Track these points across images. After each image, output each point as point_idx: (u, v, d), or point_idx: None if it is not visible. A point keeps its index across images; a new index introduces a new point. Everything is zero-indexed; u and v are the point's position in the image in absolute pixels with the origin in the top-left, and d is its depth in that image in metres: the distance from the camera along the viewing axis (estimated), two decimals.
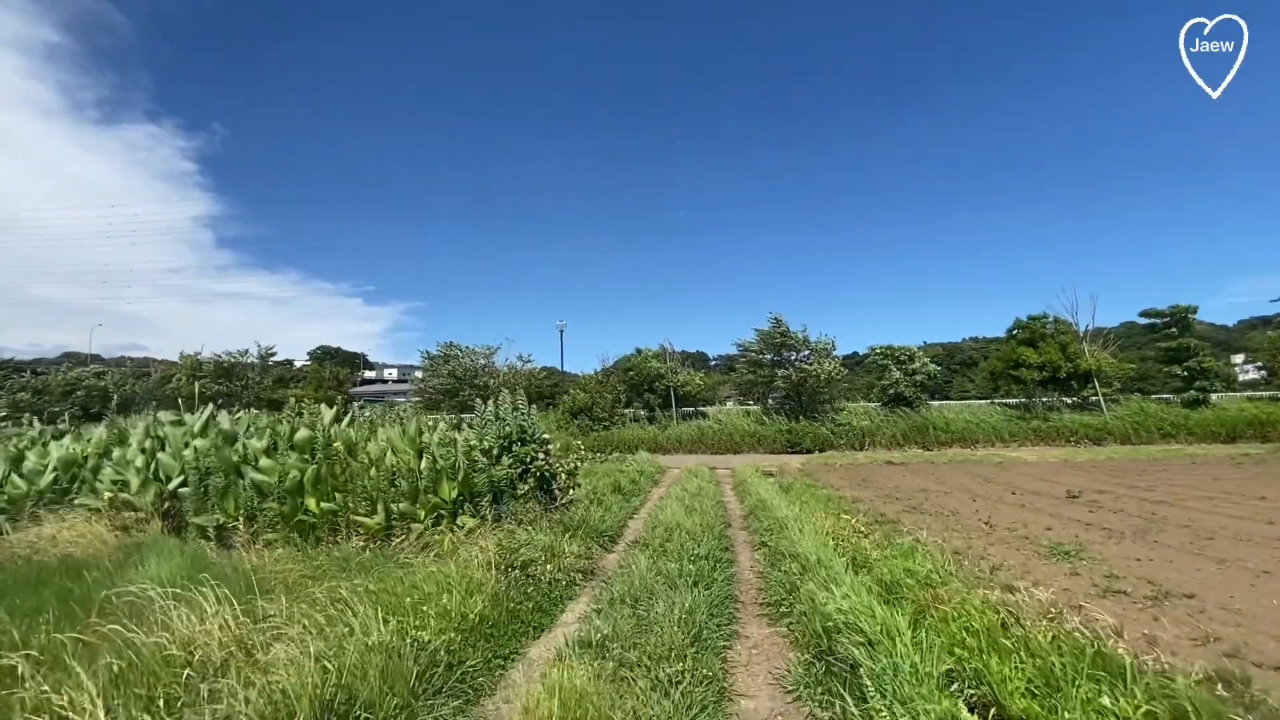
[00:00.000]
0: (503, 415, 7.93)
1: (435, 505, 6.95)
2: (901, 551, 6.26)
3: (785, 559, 5.87)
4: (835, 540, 7.13)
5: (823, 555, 5.75)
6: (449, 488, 7.13)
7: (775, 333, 25.41)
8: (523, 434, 7.83)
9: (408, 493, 6.97)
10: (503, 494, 7.37)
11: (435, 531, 6.89)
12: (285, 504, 7.09)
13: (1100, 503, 9.88)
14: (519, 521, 7.06)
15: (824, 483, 13.36)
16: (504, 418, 7.91)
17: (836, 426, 24.59)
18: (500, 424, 7.87)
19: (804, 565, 5.44)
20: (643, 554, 6.13)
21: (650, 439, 24.71)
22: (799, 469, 16.85)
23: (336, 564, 5.97)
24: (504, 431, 7.82)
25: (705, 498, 10.08)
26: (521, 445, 7.74)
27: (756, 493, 11.09)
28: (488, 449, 7.67)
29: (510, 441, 7.77)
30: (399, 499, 6.96)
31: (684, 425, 26.03)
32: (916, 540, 6.91)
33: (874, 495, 11.43)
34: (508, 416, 7.91)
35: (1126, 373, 25.67)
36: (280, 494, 7.21)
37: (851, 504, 10.17)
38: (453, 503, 7.11)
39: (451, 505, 7.11)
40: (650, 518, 8.32)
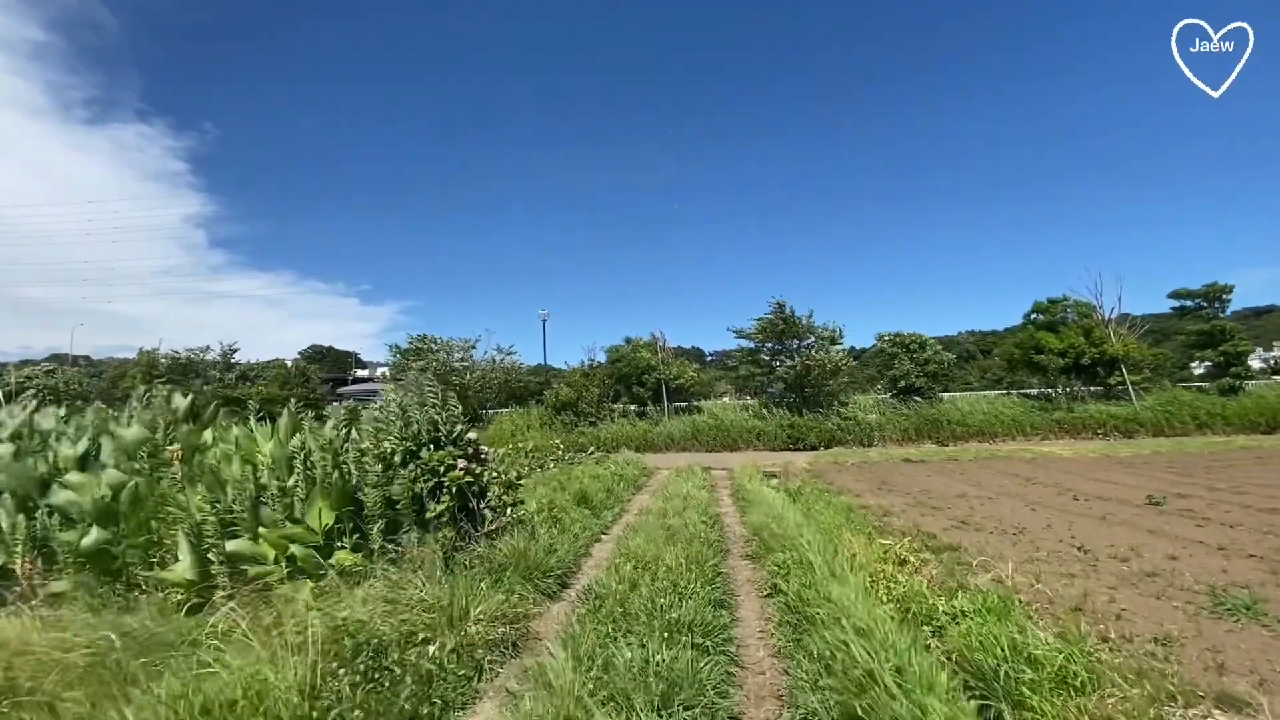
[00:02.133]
0: (407, 408, 5.76)
1: (294, 539, 4.77)
2: (984, 604, 4.14)
3: (818, 628, 3.72)
4: (874, 579, 5.01)
5: (875, 621, 3.62)
6: (322, 511, 4.95)
7: (777, 319, 23.26)
8: (435, 433, 5.66)
9: (246, 521, 4.78)
10: (402, 519, 5.20)
11: (305, 576, 4.74)
12: (88, 536, 4.91)
13: (1195, 511, 7.78)
14: (427, 559, 4.91)
15: (838, 486, 11.24)
16: (408, 410, 5.74)
17: (844, 420, 22.49)
18: (403, 419, 5.70)
19: (854, 655, 3.29)
20: (591, 620, 3.98)
21: (640, 436, 22.58)
22: (805, 468, 14.73)
23: (126, 638, 3.81)
24: (410, 431, 5.65)
25: (696, 510, 7.94)
26: (434, 448, 5.58)
27: (760, 501, 8.95)
28: (388, 454, 5.51)
29: (419, 444, 5.61)
30: (231, 530, 4.78)
31: (676, 421, 23.89)
32: (998, 580, 4.78)
33: (904, 503, 9.31)
34: (413, 409, 5.74)
35: (1157, 359, 23.65)
36: (90, 522, 5.04)
37: (881, 517, 8.05)
38: (325, 533, 4.94)
39: (324, 537, 4.94)
40: (620, 545, 6.18)
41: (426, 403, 5.79)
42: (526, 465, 12.92)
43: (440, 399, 5.85)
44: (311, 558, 4.80)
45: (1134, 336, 23.54)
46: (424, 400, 5.78)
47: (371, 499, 5.10)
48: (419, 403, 5.77)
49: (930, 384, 24.28)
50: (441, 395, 5.89)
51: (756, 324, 23.97)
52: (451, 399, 6.11)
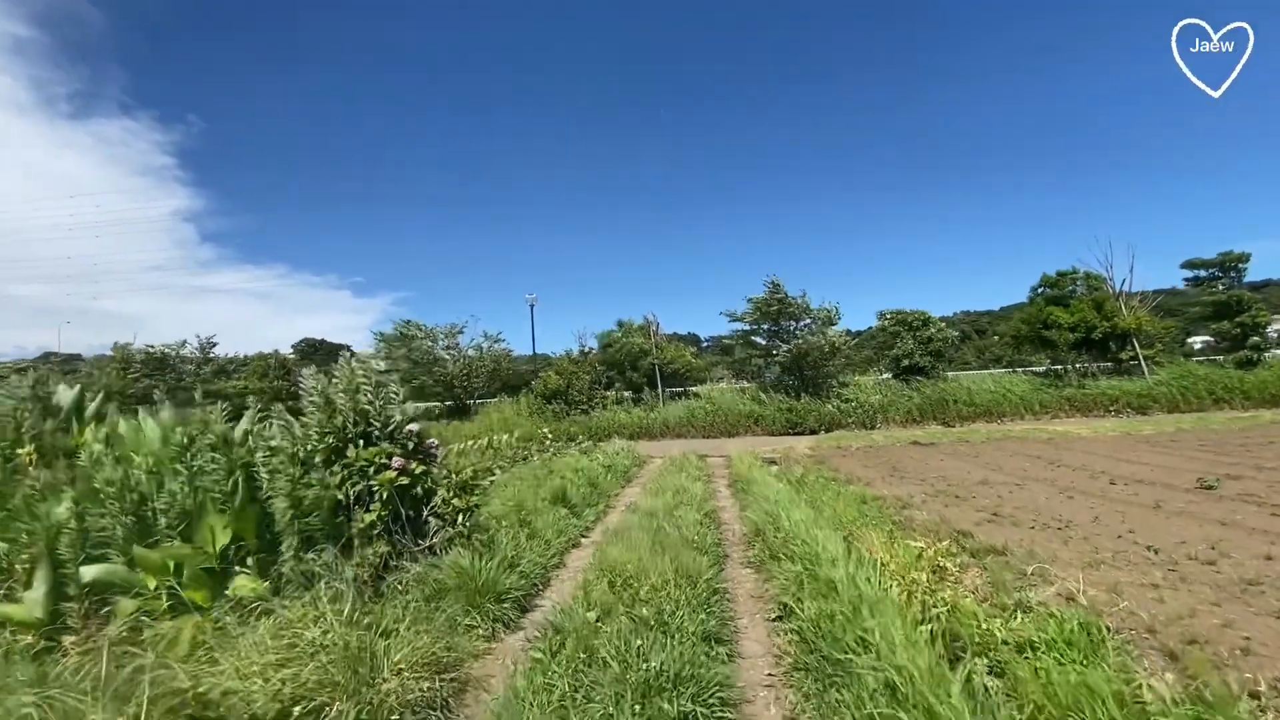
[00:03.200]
0: (331, 396, 4.71)
1: (179, 561, 3.74)
2: (1062, 633, 3.15)
3: (854, 682, 2.73)
4: (907, 592, 4.02)
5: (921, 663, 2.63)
6: (215, 527, 3.92)
7: (772, 299, 22.21)
8: (366, 426, 4.63)
9: (120, 539, 3.74)
10: (320, 533, 4.18)
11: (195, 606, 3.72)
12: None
13: (1258, 495, 6.83)
14: (350, 584, 3.91)
15: (845, 473, 10.27)
16: (332, 399, 4.69)
17: (844, 403, 21.54)
18: (326, 409, 4.66)
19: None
20: (542, 673, 2.97)
21: (634, 423, 21.61)
22: (807, 454, 13.78)
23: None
24: (335, 424, 4.61)
25: (690, 506, 6.94)
26: (365, 445, 4.55)
27: (762, 493, 7.96)
28: (307, 455, 4.47)
29: (345, 440, 4.57)
30: (103, 552, 3.74)
31: (672, 407, 22.92)
32: (1068, 596, 3.80)
33: (921, 492, 8.34)
34: (339, 397, 4.69)
35: (1169, 332, 22.73)
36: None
37: (900, 509, 7.07)
38: (221, 554, 3.91)
39: (219, 558, 3.91)
40: (599, 555, 5.18)
41: (357, 389, 4.74)
42: (502, 458, 11.91)
43: (373, 383, 4.80)
44: (201, 586, 3.78)
45: (1145, 309, 22.60)
46: (353, 386, 4.73)
47: (281, 509, 4.07)
48: (346, 389, 4.72)
49: (934, 362, 23.35)
50: (375, 379, 4.84)
51: (751, 305, 22.92)
52: (392, 384, 5.07)
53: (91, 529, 3.80)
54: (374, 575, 4.15)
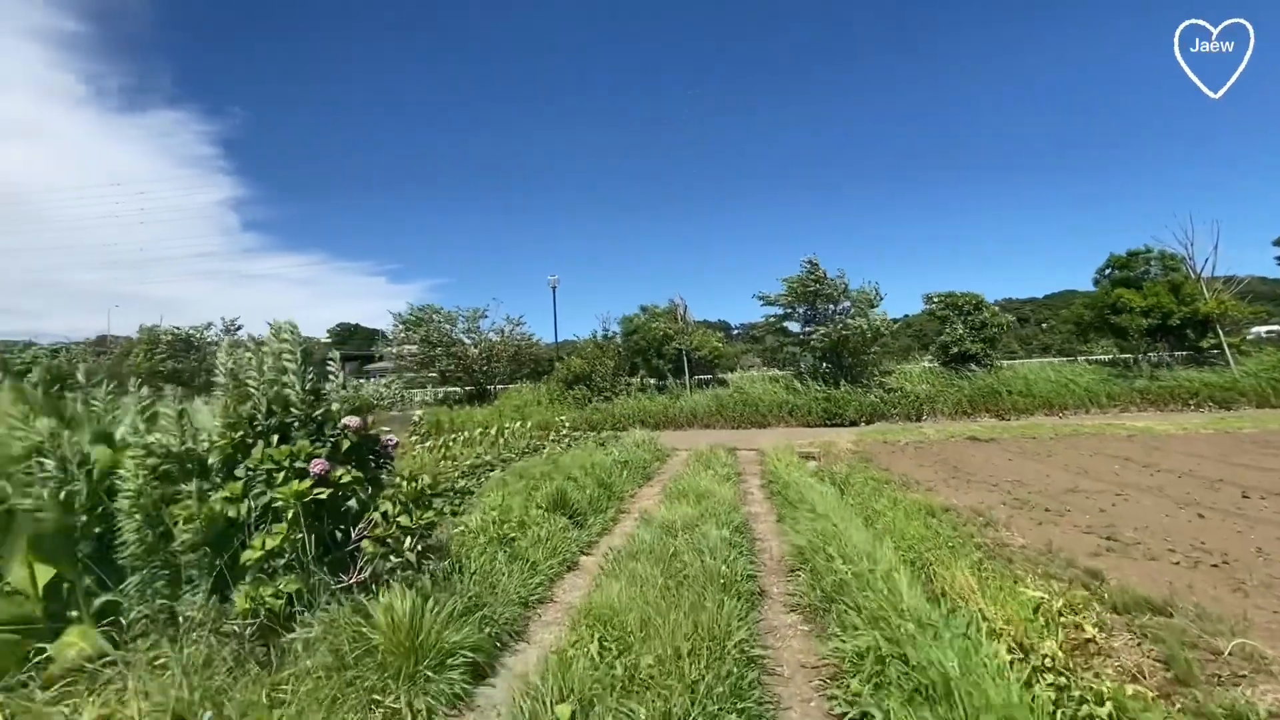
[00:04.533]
0: (243, 379, 3.51)
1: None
2: None
3: None
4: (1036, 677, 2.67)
5: None
6: (33, 560, 2.76)
7: (809, 279, 20.55)
8: (285, 416, 3.42)
9: None
10: (194, 567, 3.00)
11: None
12: None
13: None
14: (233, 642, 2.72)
15: (899, 475, 8.82)
16: (244, 383, 3.49)
17: (887, 393, 19.86)
18: (237, 395, 3.46)
19: None
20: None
21: (659, 411, 20.31)
22: (850, 449, 12.29)
23: None
24: (242, 411, 3.41)
25: (716, 518, 5.63)
26: (281, 442, 3.34)
27: (803, 499, 6.61)
28: (201, 455, 3.28)
29: (255, 433, 3.38)
30: None
31: (699, 395, 21.54)
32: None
33: (998, 501, 6.88)
34: (251, 379, 3.49)
35: (1256, 317, 20.38)
36: None
37: (981, 527, 5.65)
38: (47, 596, 2.75)
39: (44, 603, 2.76)
40: (592, 595, 3.91)
41: (278, 367, 3.53)
42: (511, 449, 10.76)
43: (299, 359, 3.59)
44: (6, 646, 2.62)
45: (1230, 293, 20.26)
46: (271, 363, 3.52)
47: (131, 531, 2.89)
48: (260, 366, 3.52)
49: (987, 350, 21.43)
50: (301, 354, 3.62)
51: (786, 286, 21.28)
52: (331, 363, 3.86)
53: None
54: (264, 627, 2.95)
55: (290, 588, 3.15)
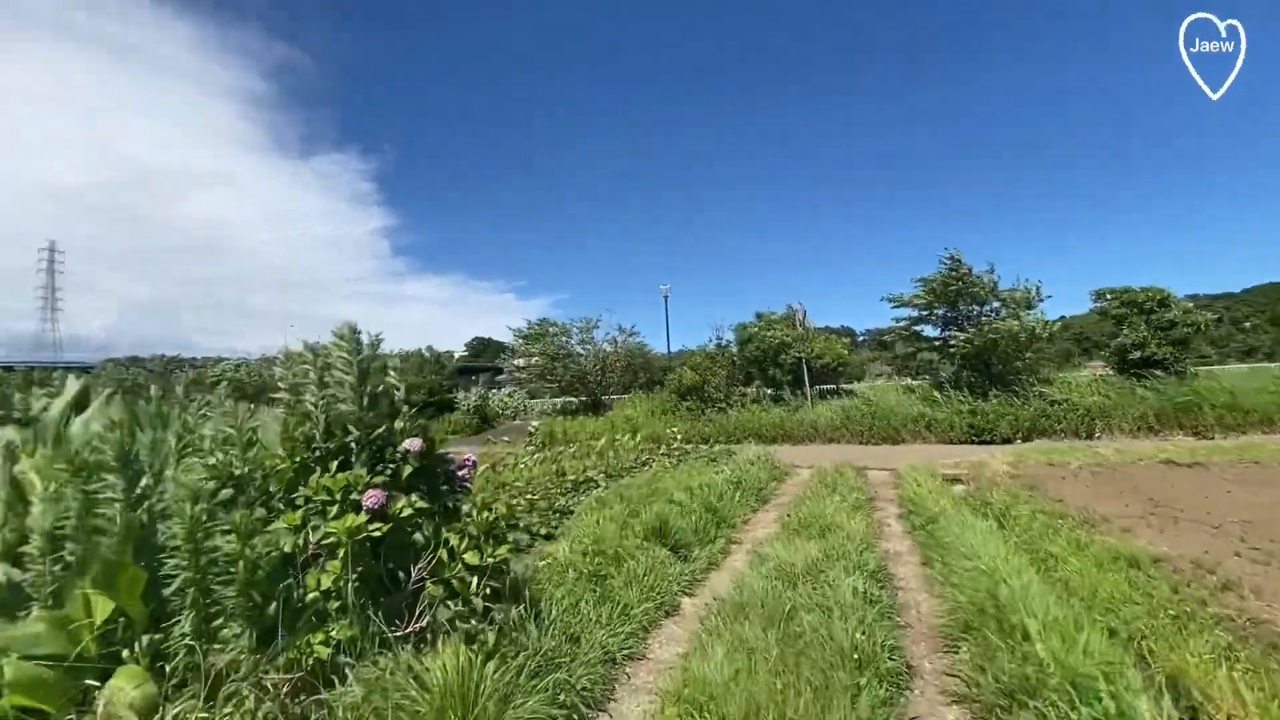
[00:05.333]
0: (302, 391, 3.23)
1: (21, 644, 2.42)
2: None
3: None
4: None
5: None
6: (90, 596, 2.56)
7: (950, 278, 18.39)
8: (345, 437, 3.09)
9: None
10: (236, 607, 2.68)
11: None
12: None
13: None
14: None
15: (1073, 505, 7.21)
16: (303, 399, 3.21)
17: (1049, 405, 17.19)
18: (298, 417, 3.18)
19: None
20: None
21: (775, 424, 19.09)
22: (1006, 472, 10.49)
23: None
24: (301, 433, 3.12)
25: (846, 559, 4.68)
26: (341, 469, 3.01)
27: (955, 538, 5.43)
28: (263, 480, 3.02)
29: (317, 457, 3.07)
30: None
31: (821, 407, 20.02)
32: None
33: (1225, 549, 5.28)
34: (308, 398, 3.20)
35: None
36: None
37: (1216, 589, 4.23)
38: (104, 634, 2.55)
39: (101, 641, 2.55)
40: (691, 656, 3.21)
41: (330, 382, 3.23)
42: (622, 464, 10.30)
43: (355, 373, 3.26)
44: (52, 686, 2.43)
45: None
46: (322, 377, 3.23)
47: (183, 565, 2.63)
48: (317, 381, 3.23)
49: (1177, 354, 17.95)
50: (360, 369, 3.29)
51: (921, 285, 19.22)
52: (390, 376, 3.53)
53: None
54: (306, 682, 2.56)
55: (342, 634, 2.76)
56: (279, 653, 2.62)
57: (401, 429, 3.37)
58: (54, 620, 2.53)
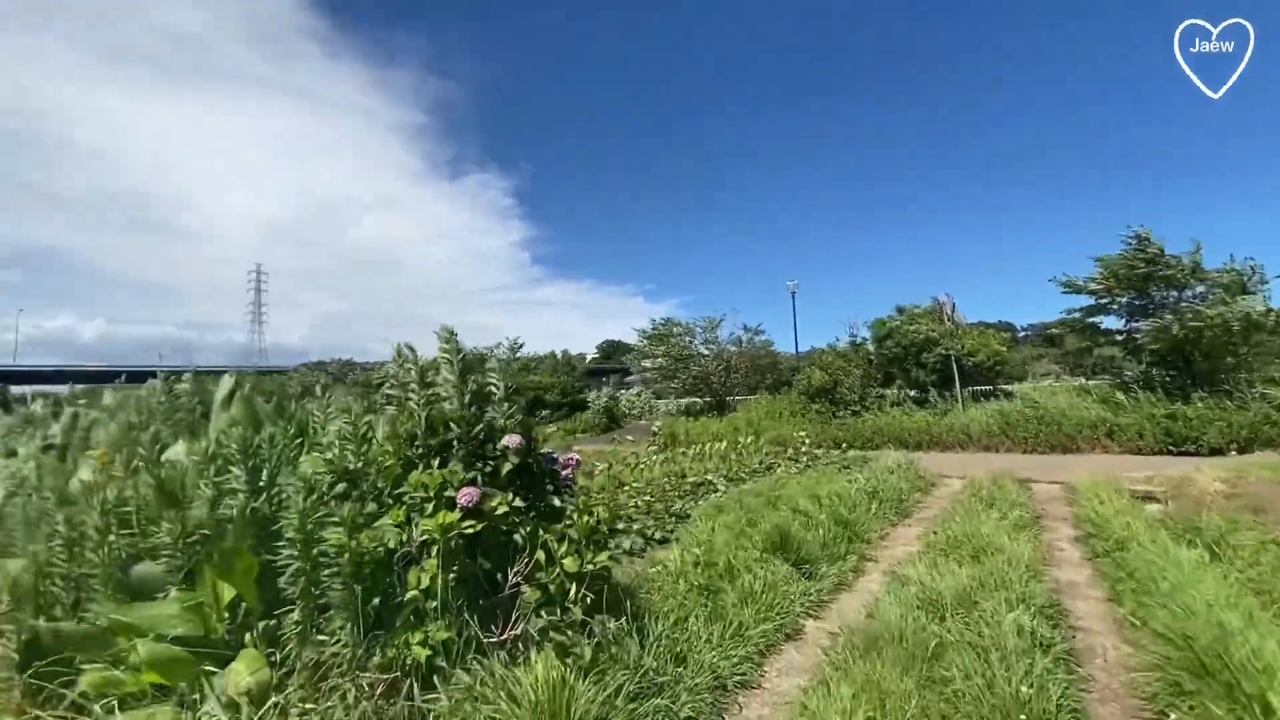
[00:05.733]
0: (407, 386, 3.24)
1: (154, 624, 2.60)
2: None
3: None
4: None
5: None
6: (216, 580, 2.71)
7: (1136, 258, 15.68)
8: (445, 434, 3.06)
9: (109, 578, 2.75)
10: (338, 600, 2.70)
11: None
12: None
13: None
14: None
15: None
16: (407, 396, 3.22)
17: (1276, 410, 14.03)
18: (403, 412, 3.21)
19: None
20: None
21: (919, 429, 17.43)
22: (1220, 490, 8.58)
23: None
24: (404, 428, 3.14)
25: (1007, 589, 3.93)
26: (441, 465, 2.98)
27: (1151, 568, 4.40)
28: (352, 469, 3.07)
29: (418, 453, 3.07)
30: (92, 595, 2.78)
31: (974, 410, 17.97)
32: None
33: None
34: (411, 395, 3.20)
35: None
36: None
37: None
38: (229, 616, 2.68)
39: (227, 623, 2.69)
40: (814, 691, 2.79)
41: (430, 380, 3.22)
42: (743, 467, 9.84)
43: (457, 371, 3.23)
44: (181, 664, 2.59)
45: None
46: (425, 376, 3.22)
47: (294, 556, 2.70)
48: (420, 380, 3.23)
49: None
50: (459, 366, 3.25)
51: (1102, 267, 16.55)
52: (490, 376, 3.47)
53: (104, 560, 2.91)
54: (398, 684, 2.50)
55: (440, 636, 2.70)
56: (377, 650, 2.60)
57: (502, 426, 3.28)
58: (185, 603, 2.71)
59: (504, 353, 36.97)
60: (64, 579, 2.83)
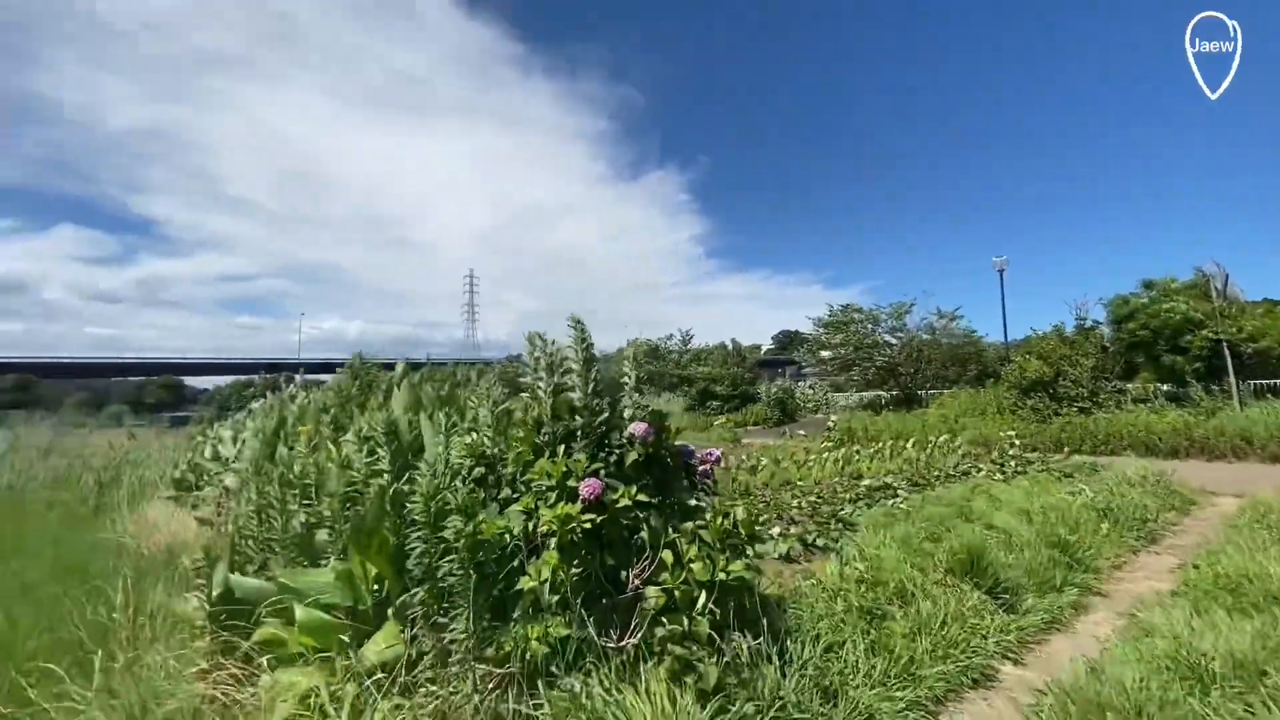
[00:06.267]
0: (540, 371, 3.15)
1: (305, 590, 2.81)
2: None
3: None
4: None
5: None
6: (359, 555, 2.87)
7: None
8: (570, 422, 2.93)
9: (288, 543, 3.03)
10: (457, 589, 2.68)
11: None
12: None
13: None
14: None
15: None
16: (536, 384, 3.13)
17: None
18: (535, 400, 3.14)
19: None
20: None
21: (1173, 432, 14.04)
22: None
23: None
24: (532, 415, 3.06)
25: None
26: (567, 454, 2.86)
27: None
28: (489, 454, 3.07)
29: (546, 440, 2.98)
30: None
31: (1256, 410, 14.02)
32: None
33: None
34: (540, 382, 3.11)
35: None
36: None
37: None
38: (373, 591, 2.83)
39: (370, 596, 2.84)
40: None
41: (557, 365, 3.10)
42: (933, 469, 8.66)
43: (581, 358, 3.07)
44: (330, 630, 2.78)
45: None
46: (553, 361, 3.10)
47: (419, 540, 2.75)
48: (550, 365, 3.13)
49: None
50: (583, 352, 3.08)
51: None
52: (625, 363, 3.27)
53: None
54: (510, 679, 2.41)
55: (558, 632, 2.57)
56: (493, 640, 2.54)
57: (630, 415, 3.07)
58: (339, 573, 2.90)
59: (676, 344, 37.53)
60: (255, 541, 3.24)
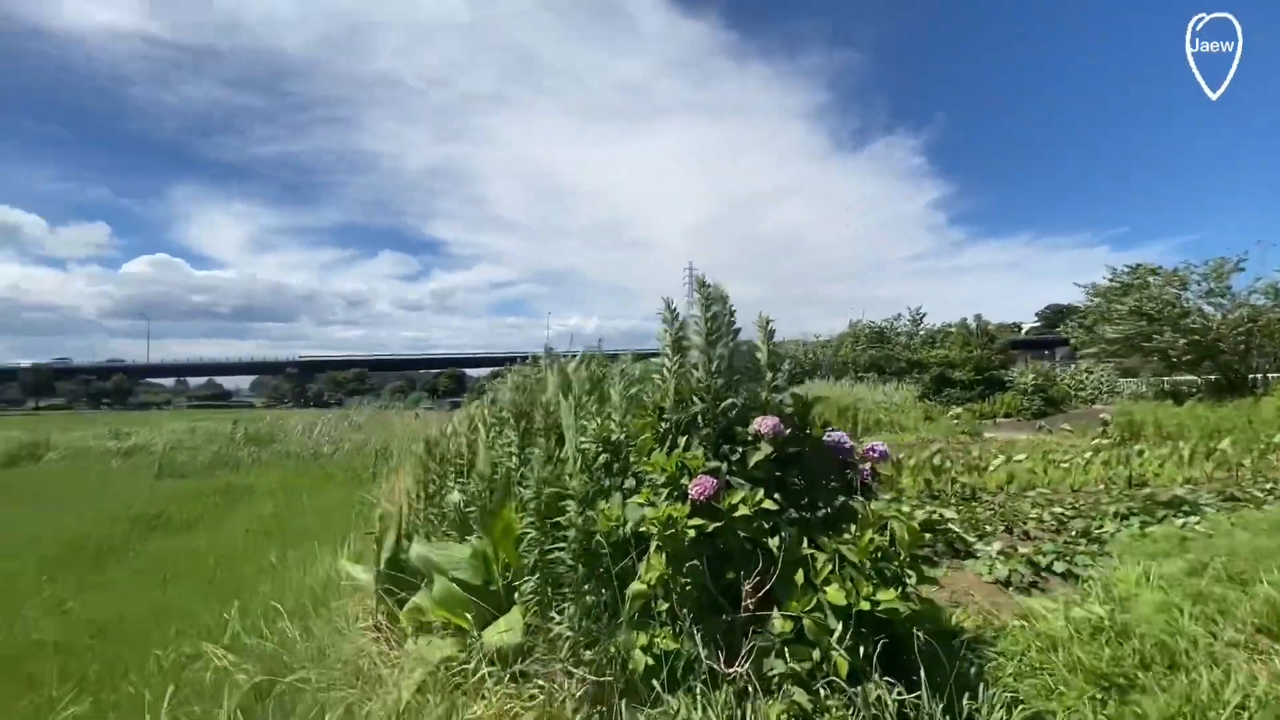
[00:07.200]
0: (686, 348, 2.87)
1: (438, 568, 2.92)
2: None
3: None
4: None
5: None
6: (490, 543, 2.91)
7: None
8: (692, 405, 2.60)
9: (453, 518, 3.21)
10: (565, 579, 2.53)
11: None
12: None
13: None
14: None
15: None
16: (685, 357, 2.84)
17: None
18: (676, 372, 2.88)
19: None
20: None
21: None
22: None
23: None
24: (654, 401, 2.80)
25: None
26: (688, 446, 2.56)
27: None
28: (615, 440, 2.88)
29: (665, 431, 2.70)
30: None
31: None
32: None
33: None
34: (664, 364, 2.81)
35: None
36: None
37: None
38: (503, 576, 2.87)
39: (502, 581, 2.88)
40: None
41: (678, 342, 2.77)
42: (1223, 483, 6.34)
43: (706, 328, 2.69)
44: (453, 602, 2.87)
45: None
46: (674, 339, 2.77)
47: (529, 528, 2.67)
48: (671, 344, 2.80)
49: None
50: (708, 322, 2.70)
51: None
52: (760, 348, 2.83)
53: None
54: (605, 687, 2.19)
55: (665, 645, 2.29)
56: (596, 642, 2.36)
57: (762, 403, 2.63)
58: (474, 550, 2.99)
59: (905, 325, 33.74)
60: (422, 515, 3.54)
